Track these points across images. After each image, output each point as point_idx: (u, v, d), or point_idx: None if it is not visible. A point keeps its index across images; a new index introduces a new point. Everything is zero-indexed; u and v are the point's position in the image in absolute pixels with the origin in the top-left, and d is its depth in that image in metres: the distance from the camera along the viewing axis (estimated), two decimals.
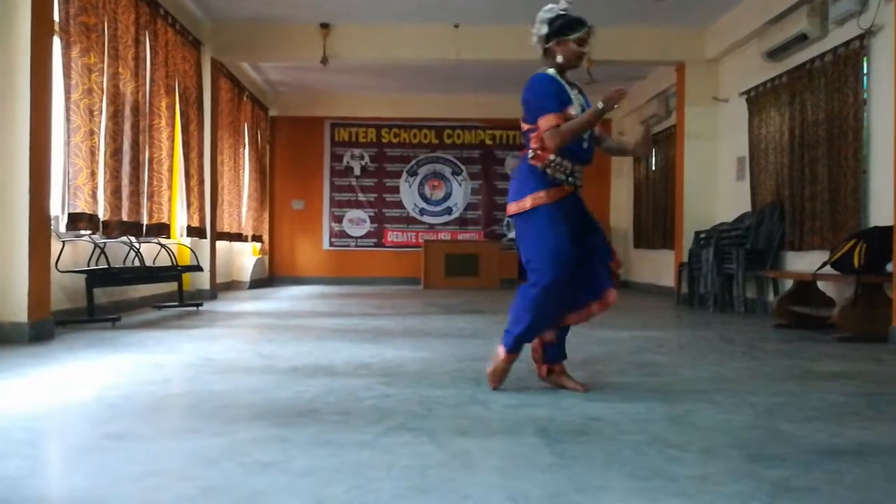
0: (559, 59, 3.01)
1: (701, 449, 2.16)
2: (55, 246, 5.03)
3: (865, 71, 5.64)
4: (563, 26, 3.01)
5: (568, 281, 2.89)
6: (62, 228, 5.12)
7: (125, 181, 5.95)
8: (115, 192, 5.73)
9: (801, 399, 2.91)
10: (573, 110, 2.94)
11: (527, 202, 2.93)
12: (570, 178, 2.97)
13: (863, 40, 5.62)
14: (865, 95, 5.63)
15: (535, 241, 2.92)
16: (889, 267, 4.77)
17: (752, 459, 2.05)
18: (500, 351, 3.01)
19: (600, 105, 2.86)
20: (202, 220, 7.80)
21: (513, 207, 3.00)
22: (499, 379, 3.03)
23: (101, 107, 5.48)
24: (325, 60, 8.19)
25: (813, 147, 6.30)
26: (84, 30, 5.22)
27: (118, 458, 2.01)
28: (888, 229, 4.78)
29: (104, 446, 2.14)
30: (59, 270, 5.06)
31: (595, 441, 2.24)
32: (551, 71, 3.02)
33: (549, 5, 3.07)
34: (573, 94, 3.01)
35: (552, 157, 2.94)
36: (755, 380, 3.38)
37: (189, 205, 7.41)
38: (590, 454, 2.09)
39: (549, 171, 2.96)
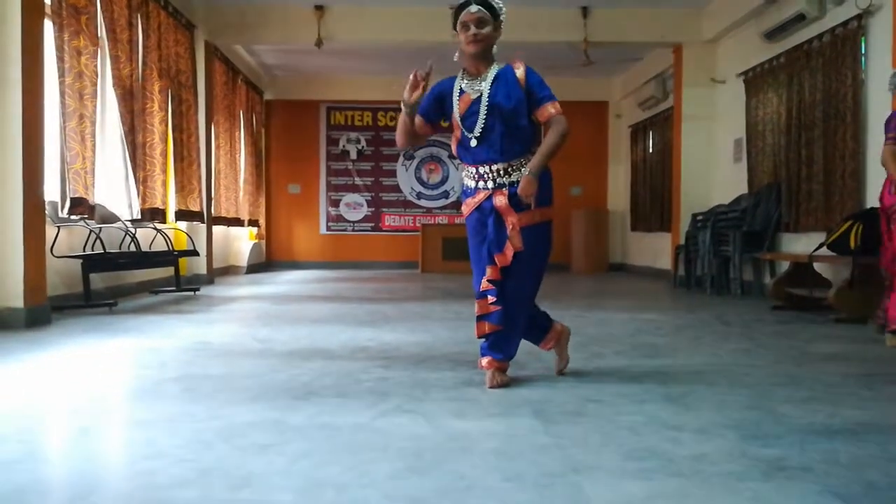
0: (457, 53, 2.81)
1: (697, 429, 2.16)
2: (50, 231, 5.00)
3: (864, 51, 5.60)
4: (454, 16, 2.78)
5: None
6: (64, 213, 5.11)
7: (120, 165, 5.91)
8: (110, 177, 5.71)
9: (797, 380, 2.92)
10: (457, 112, 2.78)
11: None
12: (479, 183, 2.82)
13: (861, 20, 5.58)
14: (864, 76, 5.60)
15: None
16: None
17: (748, 439, 2.06)
18: None
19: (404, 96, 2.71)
20: (200, 204, 7.77)
21: None
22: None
23: (96, 90, 5.44)
24: (319, 43, 8.12)
25: (810, 128, 6.27)
26: (74, 12, 5.16)
27: (114, 442, 2.01)
28: None
29: (100, 430, 2.14)
30: (54, 256, 5.04)
31: (591, 422, 2.24)
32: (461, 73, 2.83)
33: None
34: (472, 87, 2.78)
35: (464, 165, 2.88)
36: (752, 361, 3.38)
37: (181, 189, 7.36)
38: (586, 435, 2.10)
39: (464, 178, 2.91)
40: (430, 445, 1.98)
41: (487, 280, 2.77)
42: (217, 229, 8.91)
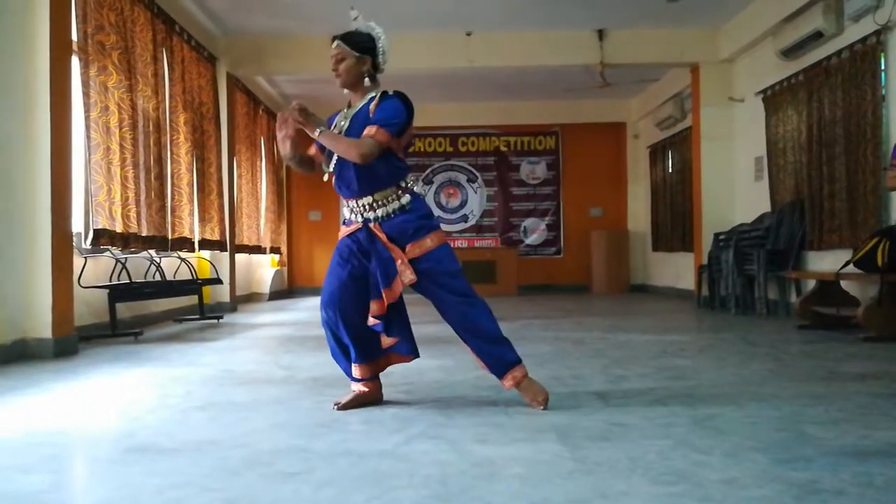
0: None
1: (726, 452, 2.13)
2: (77, 262, 5.09)
3: (883, 67, 5.57)
4: None
5: (333, 320, 2.76)
6: (86, 245, 5.19)
7: (147, 197, 6.02)
8: (137, 208, 5.81)
9: (827, 401, 2.87)
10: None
11: None
12: (352, 216, 2.81)
13: (879, 36, 5.55)
14: (884, 91, 5.55)
15: None
16: None
17: (778, 462, 2.02)
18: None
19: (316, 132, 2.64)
20: (222, 233, 7.87)
21: None
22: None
23: (122, 124, 5.56)
24: None
25: (831, 145, 6.22)
26: (101, 48, 5.30)
27: (141, 471, 2.02)
28: None
29: (127, 460, 2.16)
30: (81, 286, 5.12)
31: (618, 446, 2.22)
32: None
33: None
34: (341, 120, 2.81)
35: None
36: (779, 382, 3.33)
37: (203, 218, 7.46)
38: (613, 460, 2.07)
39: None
40: (455, 472, 1.97)
41: (373, 316, 2.70)
42: (239, 257, 9.01)
